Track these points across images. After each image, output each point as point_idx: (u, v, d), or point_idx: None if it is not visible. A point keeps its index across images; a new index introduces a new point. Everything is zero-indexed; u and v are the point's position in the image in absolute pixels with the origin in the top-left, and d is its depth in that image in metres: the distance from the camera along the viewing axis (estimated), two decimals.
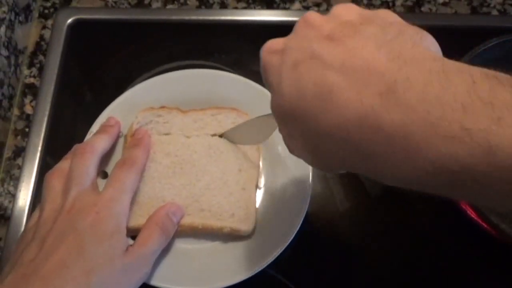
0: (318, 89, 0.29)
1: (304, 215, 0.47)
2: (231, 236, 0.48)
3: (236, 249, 0.47)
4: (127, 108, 0.52)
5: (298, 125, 0.31)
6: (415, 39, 0.29)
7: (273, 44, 0.35)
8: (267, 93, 0.52)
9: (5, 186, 0.54)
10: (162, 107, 0.52)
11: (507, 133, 0.24)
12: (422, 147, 0.26)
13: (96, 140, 0.48)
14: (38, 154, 0.54)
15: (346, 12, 0.32)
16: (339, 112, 0.28)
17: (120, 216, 0.43)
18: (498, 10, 0.63)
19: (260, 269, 0.45)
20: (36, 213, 0.46)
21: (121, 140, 0.51)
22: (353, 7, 0.33)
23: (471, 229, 0.49)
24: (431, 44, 0.30)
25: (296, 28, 0.34)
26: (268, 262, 0.46)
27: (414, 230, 0.52)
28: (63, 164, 0.47)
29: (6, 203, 0.53)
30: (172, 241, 0.47)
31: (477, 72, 0.26)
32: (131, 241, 0.45)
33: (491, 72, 0.26)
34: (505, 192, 0.25)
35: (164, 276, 0.45)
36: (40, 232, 0.42)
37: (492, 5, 0.64)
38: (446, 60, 0.28)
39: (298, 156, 0.35)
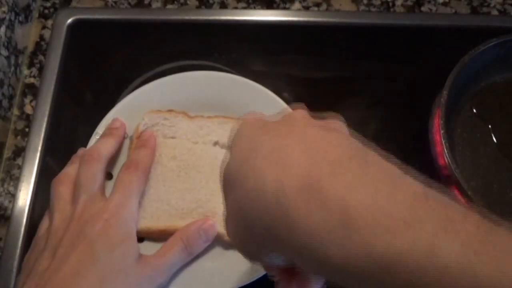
0: (272, 150, 0.29)
1: None
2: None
3: (237, 255, 0.47)
4: (133, 109, 0.52)
5: (237, 186, 0.30)
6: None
7: (255, 116, 0.35)
8: (277, 99, 0.52)
9: (5, 186, 0.54)
10: (170, 110, 0.52)
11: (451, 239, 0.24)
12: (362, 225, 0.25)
13: (102, 145, 0.48)
14: (38, 154, 0.54)
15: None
16: (284, 169, 0.28)
17: (128, 221, 0.43)
18: (498, 10, 0.63)
19: (260, 276, 0.45)
20: (45, 221, 0.46)
21: (127, 142, 0.51)
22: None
23: None
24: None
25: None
26: None
27: None
28: (70, 170, 0.47)
29: (6, 203, 0.53)
30: None
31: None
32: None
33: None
34: None
35: None
36: (51, 241, 0.42)
37: (492, 5, 0.64)
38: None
39: (229, 234, 0.34)
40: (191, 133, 0.51)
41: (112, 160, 0.50)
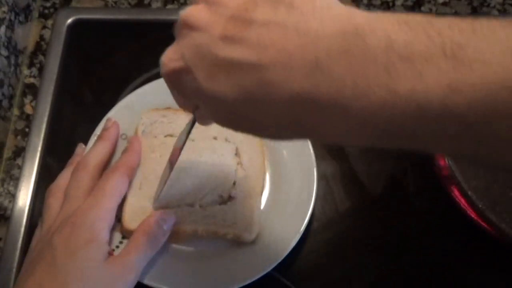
0: (251, 92, 0.28)
1: (307, 220, 0.47)
2: (234, 241, 0.47)
3: (239, 253, 0.47)
4: (133, 110, 0.52)
5: (246, 118, 0.30)
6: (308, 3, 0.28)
7: (171, 61, 0.33)
8: None
9: (5, 186, 0.54)
10: (168, 108, 0.52)
11: (431, 87, 0.24)
12: (360, 115, 0.26)
13: (91, 153, 0.48)
14: (38, 154, 0.54)
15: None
16: (280, 99, 0.27)
17: (96, 222, 0.42)
18: (498, 10, 0.63)
19: (263, 274, 0.45)
20: (37, 232, 0.46)
21: (124, 143, 0.51)
22: None
23: (471, 229, 0.49)
24: None
25: (180, 33, 0.33)
26: (271, 267, 0.46)
27: (414, 230, 0.52)
28: (61, 180, 0.47)
29: (6, 203, 0.53)
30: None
31: (390, 23, 0.26)
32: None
33: (402, 17, 0.26)
34: (437, 142, 0.26)
35: (165, 278, 0.45)
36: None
37: (492, 5, 0.64)
38: (357, 16, 0.27)
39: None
40: None
41: (109, 161, 0.49)
